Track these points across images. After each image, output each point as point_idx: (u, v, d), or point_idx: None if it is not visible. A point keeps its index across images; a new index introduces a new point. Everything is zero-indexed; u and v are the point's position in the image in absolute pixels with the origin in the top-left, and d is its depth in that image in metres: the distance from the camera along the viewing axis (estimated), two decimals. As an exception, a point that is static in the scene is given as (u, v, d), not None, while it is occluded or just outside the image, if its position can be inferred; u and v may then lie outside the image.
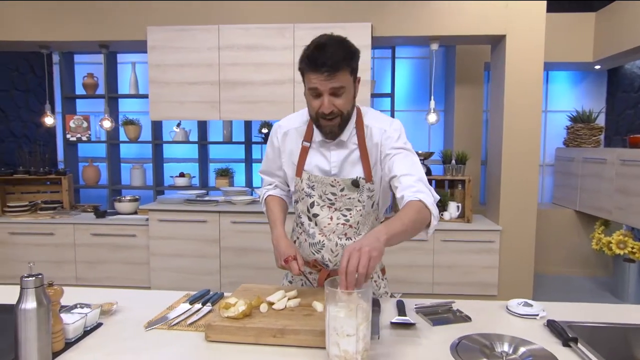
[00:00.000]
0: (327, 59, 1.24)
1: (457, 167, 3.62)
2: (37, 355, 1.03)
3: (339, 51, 1.26)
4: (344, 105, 1.33)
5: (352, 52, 1.30)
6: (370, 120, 1.45)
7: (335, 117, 1.33)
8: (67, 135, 4.65)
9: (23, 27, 3.71)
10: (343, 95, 1.31)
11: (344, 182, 1.41)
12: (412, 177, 1.33)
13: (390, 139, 1.41)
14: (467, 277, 3.42)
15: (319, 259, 1.49)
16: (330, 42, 1.28)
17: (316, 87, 1.29)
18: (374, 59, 4.78)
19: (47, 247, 3.72)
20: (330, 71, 1.25)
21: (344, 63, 1.27)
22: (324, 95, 1.30)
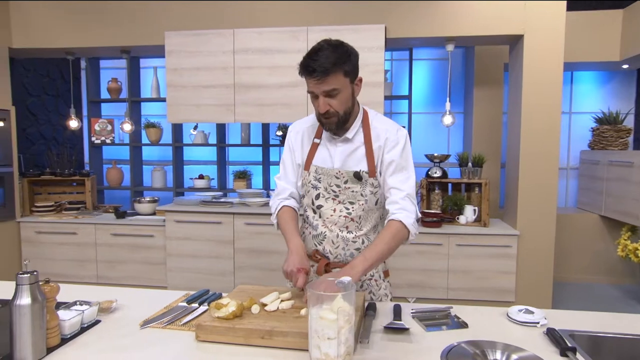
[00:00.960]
0: (317, 66, 1.33)
1: (474, 170, 3.54)
2: (31, 349, 1.06)
3: (331, 56, 1.34)
4: (339, 105, 1.41)
5: (345, 56, 1.38)
6: (378, 123, 1.54)
7: (332, 117, 1.42)
8: (92, 138, 4.81)
9: (50, 35, 3.86)
10: (337, 96, 1.40)
11: (347, 174, 1.50)
12: (401, 193, 1.46)
13: (394, 146, 1.49)
14: (483, 283, 3.34)
15: (321, 250, 1.57)
16: (325, 47, 1.36)
17: (312, 91, 1.40)
18: (392, 60, 4.76)
19: (70, 246, 3.85)
20: (320, 76, 1.34)
21: (335, 67, 1.35)
22: (320, 97, 1.39)
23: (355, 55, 1.43)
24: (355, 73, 1.43)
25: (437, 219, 3.40)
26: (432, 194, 3.67)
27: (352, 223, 1.52)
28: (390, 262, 3.36)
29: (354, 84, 1.45)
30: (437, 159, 3.66)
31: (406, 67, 4.44)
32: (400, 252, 3.36)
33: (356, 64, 1.44)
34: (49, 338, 1.13)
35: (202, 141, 4.55)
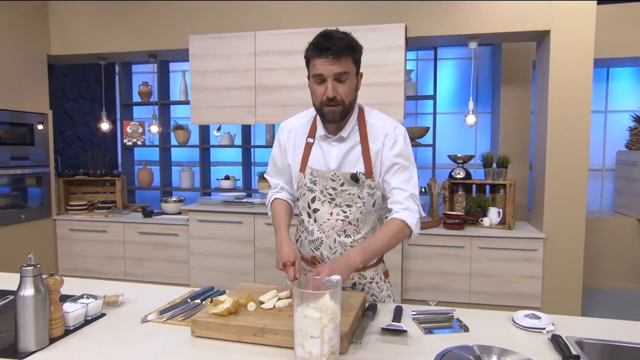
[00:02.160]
0: (332, 44, 1.32)
1: (498, 171, 3.44)
2: (34, 338, 1.12)
3: (345, 40, 1.35)
4: (345, 93, 1.38)
5: (355, 45, 1.38)
6: (375, 119, 1.50)
7: (338, 104, 1.38)
8: (124, 140, 5.00)
9: (83, 41, 4.05)
10: (346, 82, 1.37)
11: (344, 177, 1.45)
12: (404, 193, 1.42)
13: (393, 145, 1.44)
14: (507, 287, 3.23)
15: (318, 256, 1.52)
16: (336, 32, 1.37)
17: (321, 73, 1.35)
18: (417, 60, 4.69)
19: (100, 244, 4.01)
20: (335, 55, 1.32)
21: (348, 51, 1.35)
22: (328, 81, 1.35)
23: (362, 48, 1.42)
24: (359, 65, 1.42)
25: (459, 221, 3.32)
26: (455, 196, 3.58)
27: (349, 227, 1.47)
28: (409, 265, 3.32)
29: (358, 77, 1.43)
30: (461, 160, 3.57)
31: (432, 66, 4.37)
32: (421, 254, 3.33)
33: (361, 56, 1.43)
34: (53, 329, 1.18)
35: (228, 143, 4.64)
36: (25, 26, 3.90)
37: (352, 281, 1.55)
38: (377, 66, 3.29)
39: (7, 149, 3.72)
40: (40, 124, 4.03)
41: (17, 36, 3.82)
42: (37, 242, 3.98)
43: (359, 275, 1.55)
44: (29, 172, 3.93)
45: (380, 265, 1.61)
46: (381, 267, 1.61)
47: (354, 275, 1.54)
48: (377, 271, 1.58)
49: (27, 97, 3.92)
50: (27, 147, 3.92)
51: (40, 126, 4.05)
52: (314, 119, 1.54)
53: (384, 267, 1.63)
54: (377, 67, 3.29)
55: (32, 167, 3.96)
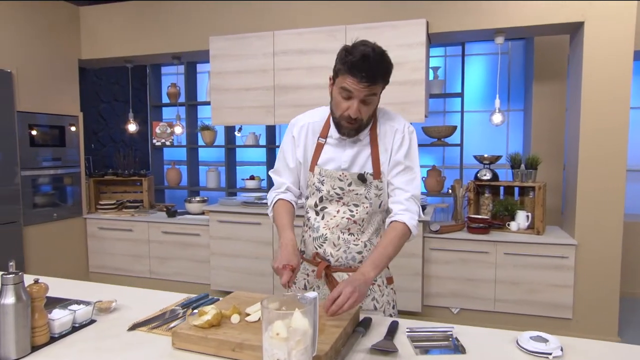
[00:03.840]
0: (369, 71, 1.30)
1: (527, 173, 3.25)
2: (14, 347, 1.12)
3: (381, 65, 1.33)
4: (367, 113, 1.39)
5: (389, 69, 1.37)
6: (386, 119, 1.49)
7: (357, 123, 1.39)
8: (153, 140, 5.11)
9: (111, 45, 4.16)
10: (371, 104, 1.38)
11: (351, 176, 1.45)
12: (405, 194, 1.44)
13: (401, 145, 1.45)
14: (535, 296, 3.05)
15: (321, 252, 1.52)
16: (374, 54, 1.32)
17: (351, 91, 1.34)
18: (445, 57, 4.52)
19: (127, 242, 4.12)
20: (369, 82, 1.31)
21: (382, 78, 1.34)
22: (354, 100, 1.34)
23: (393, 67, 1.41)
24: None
25: (483, 225, 3.16)
26: (481, 198, 3.42)
27: (354, 225, 1.48)
28: (430, 270, 3.19)
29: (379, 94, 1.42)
30: (487, 161, 3.40)
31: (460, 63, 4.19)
32: (443, 259, 3.19)
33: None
34: (37, 336, 1.18)
35: (253, 143, 4.65)
36: (58, 32, 4.05)
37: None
38: (396, 64, 3.14)
39: (41, 150, 3.88)
40: (72, 125, 4.18)
41: (50, 42, 3.98)
42: (68, 240, 4.14)
43: None
44: (61, 172, 4.09)
45: (385, 270, 1.56)
46: (385, 272, 1.57)
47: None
48: (380, 275, 1.53)
49: (60, 100, 4.07)
50: (60, 148, 4.07)
51: (72, 128, 4.20)
52: (328, 119, 1.52)
53: (387, 273, 1.59)
54: (397, 65, 3.14)
55: (64, 168, 4.12)
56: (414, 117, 3.20)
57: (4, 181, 3.55)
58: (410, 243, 3.11)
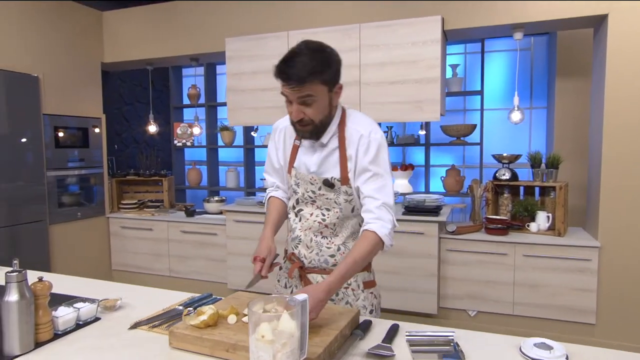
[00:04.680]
0: (292, 73, 1.26)
1: (548, 172, 3.14)
2: (18, 343, 1.15)
3: (309, 64, 1.27)
4: (314, 114, 1.34)
5: (324, 64, 1.30)
6: (353, 123, 1.45)
7: (306, 125, 1.36)
8: (174, 141, 5.21)
9: (131, 48, 4.26)
10: (313, 104, 1.33)
11: (320, 181, 1.44)
12: (376, 202, 1.38)
13: (365, 150, 1.40)
14: (556, 300, 2.95)
15: (297, 253, 1.53)
16: (303, 52, 1.28)
17: (287, 95, 1.33)
18: (465, 54, 4.42)
19: (147, 241, 4.21)
20: (296, 84, 1.28)
21: (312, 76, 1.27)
22: (293, 104, 1.33)
23: (337, 62, 1.36)
24: (335, 81, 1.36)
25: (502, 226, 3.08)
26: (500, 198, 3.33)
27: (326, 229, 1.47)
28: (446, 271, 3.13)
29: (333, 92, 1.37)
30: (506, 160, 3.31)
31: (485, 60, 4.09)
32: (460, 260, 3.13)
33: (337, 71, 1.36)
34: (40, 333, 1.22)
35: (270, 143, 4.67)
36: (82, 37, 4.18)
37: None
38: (410, 62, 3.13)
39: (66, 152, 4.01)
40: (95, 127, 4.30)
41: (75, 47, 4.10)
42: (92, 239, 4.26)
43: None
44: (85, 172, 4.22)
45: (362, 274, 1.53)
46: (361, 276, 1.53)
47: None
48: (355, 277, 1.52)
49: (84, 102, 4.20)
50: (84, 149, 4.20)
51: (96, 129, 4.32)
52: None
53: (366, 277, 1.56)
54: (411, 63, 3.14)
55: (87, 168, 4.24)
56: (429, 115, 3.15)
57: (32, 181, 3.69)
58: (426, 243, 3.10)
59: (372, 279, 1.58)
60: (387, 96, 3.26)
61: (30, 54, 3.69)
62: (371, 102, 3.30)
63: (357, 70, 3.32)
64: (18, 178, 3.58)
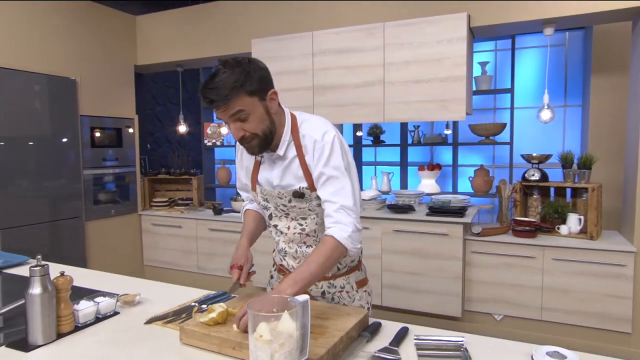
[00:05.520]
0: (214, 95, 1.23)
1: (580, 173, 3.02)
2: (41, 333, 1.22)
3: (228, 80, 1.23)
4: (253, 127, 1.30)
5: (244, 76, 1.25)
6: (305, 129, 1.40)
7: (251, 140, 1.32)
8: (204, 141, 5.34)
9: (162, 51, 4.39)
10: (248, 118, 1.29)
11: (288, 194, 1.42)
12: (333, 205, 1.34)
13: (319, 155, 1.36)
14: (587, 306, 2.83)
15: (285, 265, 1.54)
16: (221, 71, 1.25)
17: (221, 118, 1.30)
18: (496, 51, 4.31)
19: (177, 238, 4.33)
20: (220, 105, 1.24)
21: (234, 91, 1.23)
22: (230, 124, 1.30)
23: (259, 69, 1.30)
24: (263, 90, 1.30)
25: (530, 229, 2.98)
26: (529, 200, 3.23)
27: (308, 238, 1.46)
28: (472, 274, 3.06)
29: (267, 101, 1.32)
30: (536, 160, 3.20)
31: (517, 57, 3.98)
32: (485, 263, 3.06)
33: (263, 79, 1.31)
34: (62, 325, 1.28)
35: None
36: (116, 41, 4.34)
37: (321, 290, 1.51)
38: (435, 60, 3.08)
39: (101, 151, 4.18)
40: (128, 127, 4.47)
41: (110, 50, 4.27)
42: (125, 235, 4.43)
43: (329, 283, 1.51)
44: (119, 171, 4.38)
45: (353, 273, 1.52)
46: (353, 276, 1.52)
47: (323, 284, 1.51)
48: (347, 280, 1.51)
49: (118, 103, 4.36)
50: (117, 148, 4.36)
51: (130, 130, 4.49)
52: None
53: (358, 276, 1.54)
54: (436, 62, 3.08)
55: (121, 167, 4.41)
56: (454, 115, 3.09)
57: (71, 180, 3.88)
58: (450, 245, 3.04)
59: (364, 276, 1.58)
60: (411, 95, 3.22)
61: (68, 58, 3.87)
62: (395, 101, 3.27)
63: (381, 69, 3.29)
64: (59, 176, 3.77)
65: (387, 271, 3.30)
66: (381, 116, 3.34)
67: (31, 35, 3.58)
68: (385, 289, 3.32)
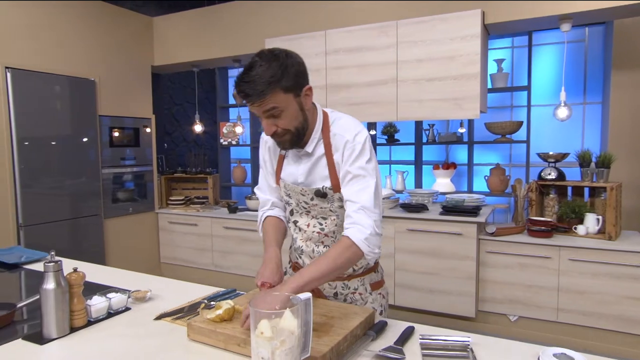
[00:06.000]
0: (250, 90, 1.21)
1: (598, 172, 2.95)
2: (55, 327, 1.26)
3: (265, 75, 1.20)
4: (287, 124, 1.28)
5: (280, 72, 1.22)
6: (337, 128, 1.38)
7: (283, 136, 1.31)
8: (220, 140, 5.40)
9: (178, 51, 4.46)
10: (282, 115, 1.26)
11: (311, 192, 1.41)
12: (354, 205, 1.31)
13: (349, 154, 1.34)
14: (605, 308, 2.77)
15: (300, 263, 1.53)
16: (257, 64, 1.22)
17: (253, 112, 1.28)
18: (513, 48, 4.24)
19: (192, 236, 4.40)
20: (257, 99, 1.22)
21: (270, 87, 1.20)
22: (262, 119, 1.28)
23: (296, 64, 1.27)
24: (298, 86, 1.27)
25: (545, 228, 2.93)
26: (545, 199, 3.17)
27: (326, 238, 1.44)
28: (486, 274, 3.03)
29: (301, 97, 1.29)
30: (552, 159, 3.14)
31: (536, 54, 3.91)
32: (500, 263, 3.02)
33: (299, 74, 1.28)
34: (75, 319, 1.32)
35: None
36: (134, 42, 4.43)
37: (334, 290, 1.50)
38: (448, 58, 3.05)
39: (119, 150, 4.27)
40: (145, 127, 4.55)
41: (128, 51, 4.36)
42: (142, 233, 4.51)
43: (343, 284, 1.48)
44: (136, 170, 4.47)
45: (369, 275, 1.50)
46: (368, 278, 1.50)
47: (337, 284, 1.49)
48: (362, 281, 1.49)
49: (135, 103, 4.45)
50: (135, 148, 4.45)
51: (147, 129, 4.57)
52: None
53: (373, 278, 1.52)
54: (449, 59, 3.06)
55: (138, 166, 4.49)
56: (468, 113, 3.05)
57: (90, 178, 3.97)
58: (463, 245, 3.01)
59: (380, 278, 1.55)
60: (424, 93, 3.19)
61: (87, 60, 3.97)
62: (408, 99, 3.25)
63: (393, 67, 3.28)
64: (80, 175, 3.88)
65: (400, 270, 3.29)
66: (394, 115, 3.32)
67: (53, 37, 3.68)
68: (398, 288, 3.31)
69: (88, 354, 1.18)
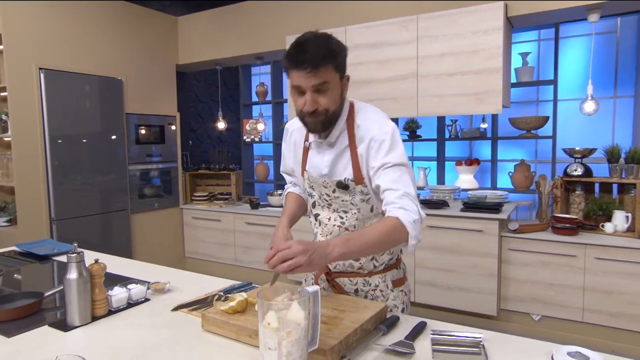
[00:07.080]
0: (307, 57, 1.22)
1: (628, 168, 2.84)
2: (77, 315, 1.32)
3: (321, 48, 1.24)
4: (328, 103, 1.29)
5: (334, 50, 1.26)
6: (362, 119, 1.38)
7: (319, 115, 1.30)
8: (243, 137, 5.47)
9: (202, 50, 4.54)
10: (327, 92, 1.27)
11: (333, 183, 1.40)
12: (396, 192, 1.28)
13: (377, 147, 1.32)
14: (634, 309, 2.67)
15: None
16: (312, 39, 1.25)
17: (299, 85, 1.27)
18: (539, 41, 4.12)
19: (215, 231, 4.48)
20: (311, 68, 1.22)
21: (326, 60, 1.24)
22: (307, 93, 1.27)
23: (345, 49, 1.31)
24: (344, 70, 1.32)
25: (570, 226, 2.85)
26: (571, 196, 3.08)
27: (347, 233, 1.43)
28: (508, 271, 2.98)
29: (343, 82, 1.33)
30: (579, 154, 3.05)
31: (564, 46, 3.80)
32: (523, 260, 2.96)
33: (345, 58, 1.31)
34: (97, 308, 1.38)
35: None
36: (160, 41, 4.53)
37: (355, 287, 1.48)
38: (470, 52, 3.00)
39: (145, 147, 4.39)
40: (170, 124, 4.66)
41: (153, 51, 4.47)
42: (167, 228, 4.63)
43: (364, 280, 1.48)
44: (161, 166, 4.59)
45: (390, 272, 1.48)
46: (390, 275, 1.48)
47: (358, 280, 1.48)
48: (384, 278, 1.47)
49: (161, 102, 4.56)
50: (160, 145, 4.56)
51: (172, 127, 4.68)
52: None
53: (395, 275, 1.50)
54: (470, 54, 3.01)
55: (164, 163, 4.61)
56: (490, 107, 3.00)
57: (118, 174, 4.11)
58: (485, 242, 2.96)
59: (402, 275, 1.53)
60: (445, 88, 3.15)
61: (115, 59, 4.09)
62: (429, 94, 3.22)
63: (414, 62, 3.25)
64: (109, 172, 4.02)
65: (421, 267, 3.26)
66: (414, 110, 3.29)
67: (83, 39, 3.81)
68: (418, 285, 3.28)
69: (108, 342, 1.23)
